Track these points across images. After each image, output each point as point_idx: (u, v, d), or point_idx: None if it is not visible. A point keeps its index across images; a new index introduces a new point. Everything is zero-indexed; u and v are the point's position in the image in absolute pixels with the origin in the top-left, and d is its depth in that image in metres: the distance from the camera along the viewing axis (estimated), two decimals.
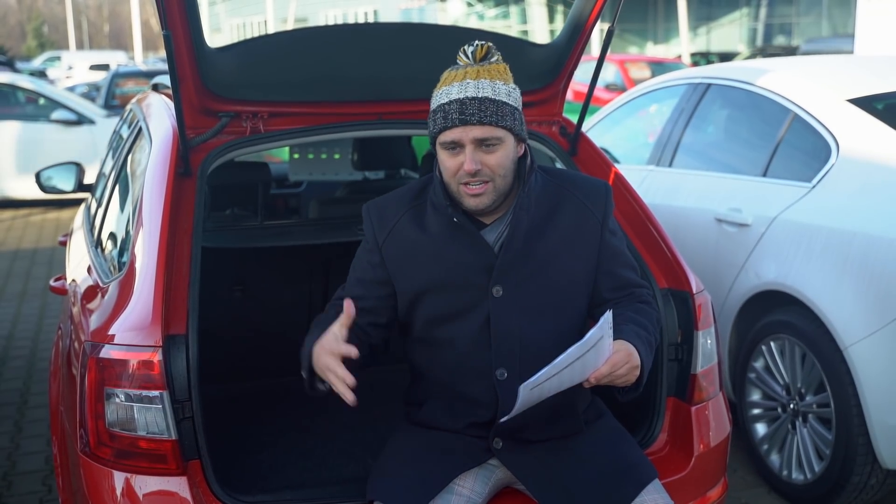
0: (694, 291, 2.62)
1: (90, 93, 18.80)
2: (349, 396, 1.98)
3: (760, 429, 3.76)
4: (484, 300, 2.12)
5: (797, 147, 3.81)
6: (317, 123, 2.83)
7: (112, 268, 2.71)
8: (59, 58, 35.92)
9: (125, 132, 3.63)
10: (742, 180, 3.98)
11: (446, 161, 2.08)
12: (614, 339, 1.99)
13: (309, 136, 2.83)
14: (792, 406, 3.57)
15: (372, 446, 2.76)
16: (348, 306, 2.02)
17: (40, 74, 25.31)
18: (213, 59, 2.62)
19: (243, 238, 3.41)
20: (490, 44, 2.11)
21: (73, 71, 29.75)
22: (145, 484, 2.21)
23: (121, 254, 2.68)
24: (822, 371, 3.38)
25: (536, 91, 2.95)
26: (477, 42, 2.10)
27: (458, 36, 2.90)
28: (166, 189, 2.49)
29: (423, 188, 2.23)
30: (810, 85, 3.89)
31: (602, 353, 1.94)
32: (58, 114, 10.45)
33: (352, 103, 2.87)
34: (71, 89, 19.50)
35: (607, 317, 1.91)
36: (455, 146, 2.04)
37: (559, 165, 2.98)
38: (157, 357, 2.18)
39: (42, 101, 10.82)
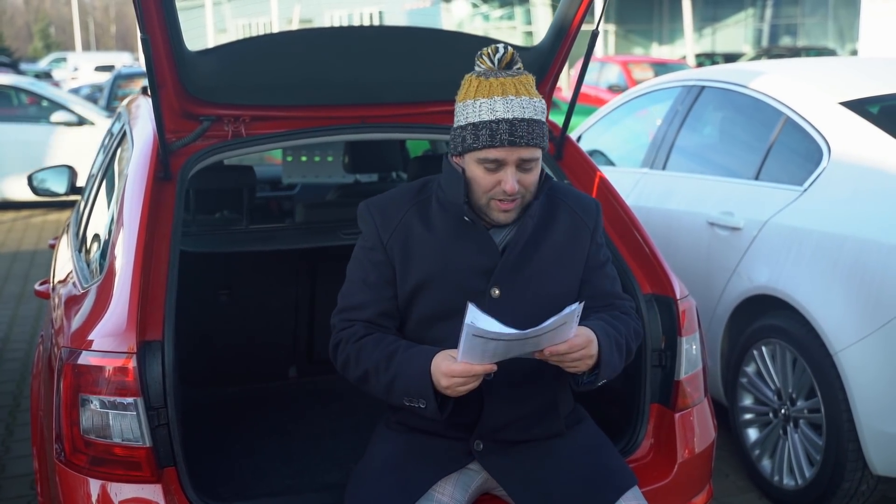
0: (678, 297, 2.60)
1: (93, 94, 18.83)
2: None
3: (752, 434, 3.73)
4: (479, 301, 2.09)
5: (789, 150, 3.78)
6: (299, 127, 2.81)
7: (91, 272, 2.70)
8: (64, 59, 35.98)
9: (112, 135, 3.62)
10: (734, 183, 3.95)
11: (482, 178, 2.04)
12: (584, 326, 2.00)
13: (291, 139, 2.81)
14: (783, 411, 3.55)
15: (357, 452, 2.74)
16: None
17: (45, 76, 25.34)
18: (194, 62, 2.61)
19: (229, 242, 3.40)
20: (514, 51, 2.06)
21: (78, 72, 29.80)
22: (120, 491, 2.19)
23: (100, 258, 2.67)
24: (813, 376, 3.35)
25: None
26: (502, 48, 2.05)
27: (440, 39, 2.89)
28: (145, 193, 2.47)
29: (423, 186, 2.21)
30: (803, 87, 3.86)
31: (560, 337, 1.93)
32: (58, 115, 10.45)
33: (335, 107, 2.86)
34: (76, 91, 19.53)
35: (577, 309, 1.90)
36: (496, 164, 2.02)
37: (546, 169, 2.96)
38: (132, 363, 2.16)
39: (45, 103, 10.83)
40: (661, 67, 16.51)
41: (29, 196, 10.02)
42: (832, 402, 3.27)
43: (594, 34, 2.72)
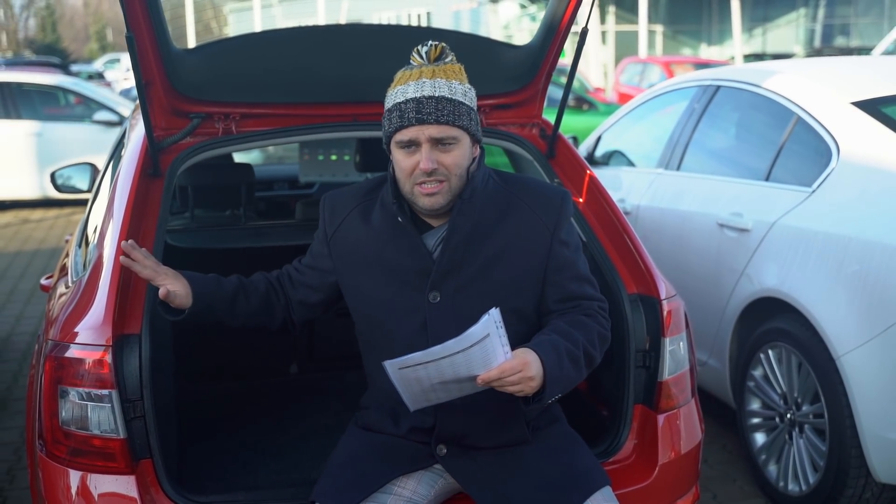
0: (662, 297, 2.56)
1: None
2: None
3: (759, 438, 3.67)
4: (421, 304, 2.09)
5: (800, 150, 3.72)
6: (290, 125, 2.83)
7: (81, 267, 2.75)
8: (118, 60, 36.59)
9: (121, 132, 3.69)
10: (745, 184, 3.90)
11: (402, 161, 2.05)
12: (526, 347, 1.92)
13: (282, 137, 2.83)
14: (789, 416, 3.49)
15: None
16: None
17: (98, 76, 25.78)
18: (182, 60, 2.64)
19: (227, 238, 3.42)
20: (444, 44, 2.09)
21: (130, 73, 30.23)
22: (97, 482, 2.22)
23: (90, 253, 2.72)
24: (817, 380, 3.29)
25: (514, 93, 2.93)
26: (431, 42, 2.09)
27: (433, 37, 2.88)
28: (130, 189, 2.52)
29: (378, 184, 2.22)
30: (815, 87, 3.79)
31: (491, 354, 1.84)
32: (100, 115, 10.66)
33: (326, 104, 2.87)
34: (127, 91, 19.85)
35: (493, 314, 1.82)
36: (411, 145, 2.02)
37: (538, 168, 2.94)
38: (108, 356, 2.20)
39: (92, 103, 11.04)
40: (704, 68, 16.31)
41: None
42: (835, 407, 3.21)
43: (584, 32, 2.71)
